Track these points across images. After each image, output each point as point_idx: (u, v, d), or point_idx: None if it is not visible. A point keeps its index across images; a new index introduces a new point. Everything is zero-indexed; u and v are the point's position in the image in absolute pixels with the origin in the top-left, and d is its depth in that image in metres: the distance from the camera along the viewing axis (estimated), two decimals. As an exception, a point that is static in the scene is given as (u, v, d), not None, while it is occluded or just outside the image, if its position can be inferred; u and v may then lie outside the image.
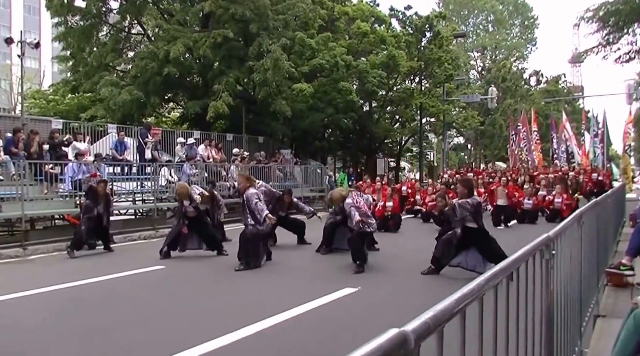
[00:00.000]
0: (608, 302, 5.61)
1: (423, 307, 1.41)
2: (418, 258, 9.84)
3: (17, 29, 38.59)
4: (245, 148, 21.32)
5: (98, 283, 7.87)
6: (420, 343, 1.24)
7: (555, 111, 44.51)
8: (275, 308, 6.02)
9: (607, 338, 4.00)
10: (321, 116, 26.46)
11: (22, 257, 10.70)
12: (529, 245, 2.52)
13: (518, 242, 2.78)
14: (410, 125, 34.49)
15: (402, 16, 33.20)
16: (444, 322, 1.40)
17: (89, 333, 5.35)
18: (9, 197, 11.72)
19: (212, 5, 21.01)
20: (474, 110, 41.60)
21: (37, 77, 43.97)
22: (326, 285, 7.40)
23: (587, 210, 4.80)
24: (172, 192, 16.06)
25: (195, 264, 9.60)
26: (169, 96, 26.02)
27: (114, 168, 15.02)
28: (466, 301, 1.58)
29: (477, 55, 61.71)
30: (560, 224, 3.39)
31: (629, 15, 15.03)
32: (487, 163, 44.02)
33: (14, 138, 13.34)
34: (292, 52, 24.65)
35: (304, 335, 5.31)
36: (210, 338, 4.95)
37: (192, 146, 18.04)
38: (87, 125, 17.97)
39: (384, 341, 1.11)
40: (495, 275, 1.92)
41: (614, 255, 7.80)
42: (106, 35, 24.68)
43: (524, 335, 2.38)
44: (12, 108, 39.73)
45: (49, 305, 6.64)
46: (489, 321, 1.93)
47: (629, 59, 16.39)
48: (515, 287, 2.28)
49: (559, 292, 3.17)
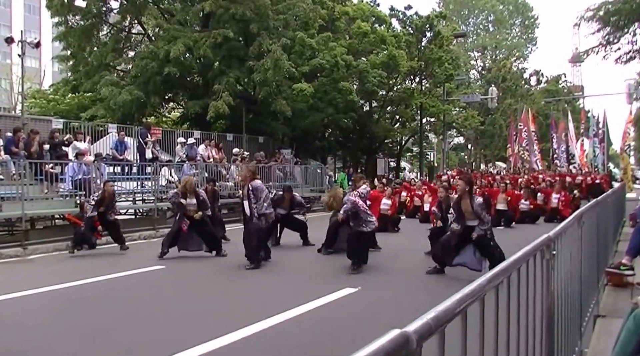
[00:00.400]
0: (608, 302, 5.61)
1: (424, 307, 1.42)
2: (418, 258, 9.87)
3: (18, 28, 38.58)
4: (245, 148, 21.33)
5: (98, 283, 7.87)
6: (422, 344, 1.24)
7: (555, 111, 44.52)
8: (275, 308, 6.02)
9: (607, 338, 3.99)
10: (321, 116, 26.46)
11: (22, 257, 10.70)
12: (530, 245, 2.52)
13: (518, 243, 2.78)
14: (410, 125, 34.48)
15: (403, 16, 33.20)
16: (446, 322, 1.40)
17: (88, 333, 5.35)
18: (9, 197, 11.72)
19: (213, 5, 21.02)
20: (474, 110, 41.59)
21: (37, 77, 43.96)
22: (326, 285, 7.40)
23: (588, 210, 4.80)
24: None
25: (195, 264, 9.59)
26: (169, 96, 26.05)
27: (114, 168, 15.04)
28: (467, 302, 1.58)
29: (477, 55, 61.72)
30: (561, 224, 3.39)
31: (629, 15, 15.03)
32: (487, 164, 44.07)
33: (14, 137, 13.34)
34: (293, 52, 24.65)
35: (304, 335, 5.31)
36: (210, 339, 4.95)
37: (193, 146, 18.04)
38: (87, 124, 17.98)
39: (386, 342, 1.11)
40: (496, 276, 1.92)
41: (614, 255, 7.79)
42: (106, 35, 24.71)
43: (524, 335, 2.38)
44: (12, 107, 39.72)
45: (48, 304, 6.64)
46: (490, 322, 1.93)
47: (630, 58, 16.40)
48: (516, 287, 2.28)
49: (559, 292, 3.17)
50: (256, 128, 24.36)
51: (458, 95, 36.39)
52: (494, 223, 14.88)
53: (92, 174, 13.12)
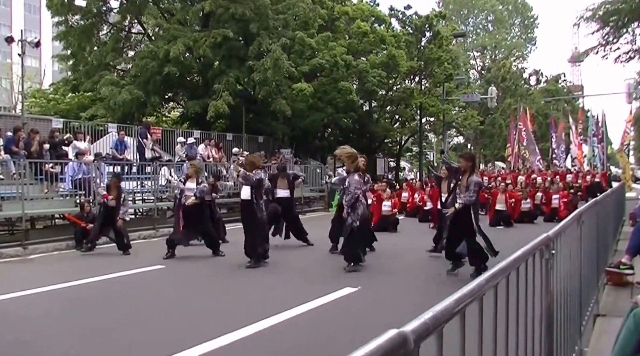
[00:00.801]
0: (608, 301, 5.62)
1: (422, 307, 1.42)
2: (417, 257, 9.87)
3: (18, 27, 38.54)
4: (245, 148, 21.32)
5: (97, 283, 7.88)
6: (419, 344, 1.24)
7: (555, 111, 44.50)
8: (274, 308, 6.02)
9: (607, 337, 4.00)
10: (321, 115, 26.45)
11: (22, 256, 10.71)
12: (529, 244, 2.53)
13: (518, 242, 2.79)
14: (410, 125, 34.45)
15: (402, 16, 33.13)
16: (444, 322, 1.40)
17: (88, 332, 5.35)
18: (9, 196, 11.74)
19: (212, 5, 21.01)
20: (473, 110, 41.56)
21: (37, 76, 43.98)
22: (325, 284, 7.40)
23: (587, 210, 4.80)
24: (172, 192, 16.16)
25: (195, 264, 9.60)
26: (169, 95, 26.04)
27: (114, 168, 15.04)
28: (466, 301, 1.58)
29: (476, 54, 61.71)
30: (560, 224, 3.40)
31: (628, 15, 15.05)
32: (486, 163, 44.05)
33: (14, 137, 13.36)
34: (292, 51, 24.64)
35: (303, 335, 5.31)
36: (208, 339, 4.95)
37: (192, 146, 18.05)
38: (87, 124, 17.98)
39: (384, 342, 1.11)
40: (495, 275, 1.92)
41: (614, 254, 7.80)
42: (106, 35, 24.70)
43: (523, 335, 2.38)
44: (12, 107, 39.69)
45: (48, 304, 6.65)
46: (489, 321, 1.93)
47: (629, 58, 16.42)
48: (515, 287, 2.28)
49: (558, 291, 3.17)
50: (256, 127, 24.36)
51: (457, 95, 36.37)
52: (494, 223, 14.97)
53: (92, 174, 13.14)
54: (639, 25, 15.83)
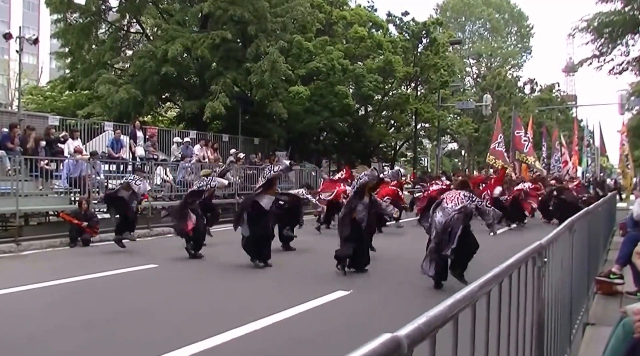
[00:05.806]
0: (597, 310, 5.67)
1: (416, 312, 1.44)
2: (411, 262, 9.86)
3: (16, 24, 38.32)
4: (241, 149, 21.33)
5: (90, 280, 7.87)
6: (413, 348, 1.26)
7: (548, 119, 44.63)
8: (265, 310, 5.99)
9: (596, 345, 4.05)
10: (317, 119, 26.49)
11: (16, 253, 10.67)
12: (521, 252, 2.55)
13: (510, 249, 2.83)
14: (405, 130, 34.54)
15: (399, 22, 33.24)
16: (437, 328, 1.42)
17: (80, 330, 5.36)
18: (3, 192, 11.71)
19: (211, 6, 21.05)
20: (468, 117, 41.72)
21: (34, 73, 43.79)
22: (318, 287, 7.40)
23: (579, 219, 4.86)
24: (167, 191, 16.18)
25: (188, 263, 9.61)
26: (166, 95, 26.00)
27: (109, 166, 15.03)
28: (459, 307, 1.60)
29: (472, 62, 61.86)
30: (553, 232, 3.44)
31: (622, 27, 15.19)
32: (480, 170, 44.17)
33: (10, 133, 13.32)
34: (290, 54, 24.68)
35: (294, 338, 5.30)
36: (200, 339, 4.94)
37: (188, 146, 18.06)
38: (83, 122, 17.94)
39: (377, 346, 1.12)
40: (488, 282, 1.95)
41: (604, 264, 7.87)
42: (105, 33, 24.65)
43: (514, 341, 2.41)
44: (9, 103, 39.47)
45: (41, 301, 6.64)
46: (481, 327, 1.95)
47: (622, 70, 16.56)
48: (508, 294, 2.31)
49: (549, 299, 3.21)
50: (252, 129, 24.36)
51: (453, 102, 36.51)
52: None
53: (87, 172, 13.13)
54: (633, 37, 15.98)
